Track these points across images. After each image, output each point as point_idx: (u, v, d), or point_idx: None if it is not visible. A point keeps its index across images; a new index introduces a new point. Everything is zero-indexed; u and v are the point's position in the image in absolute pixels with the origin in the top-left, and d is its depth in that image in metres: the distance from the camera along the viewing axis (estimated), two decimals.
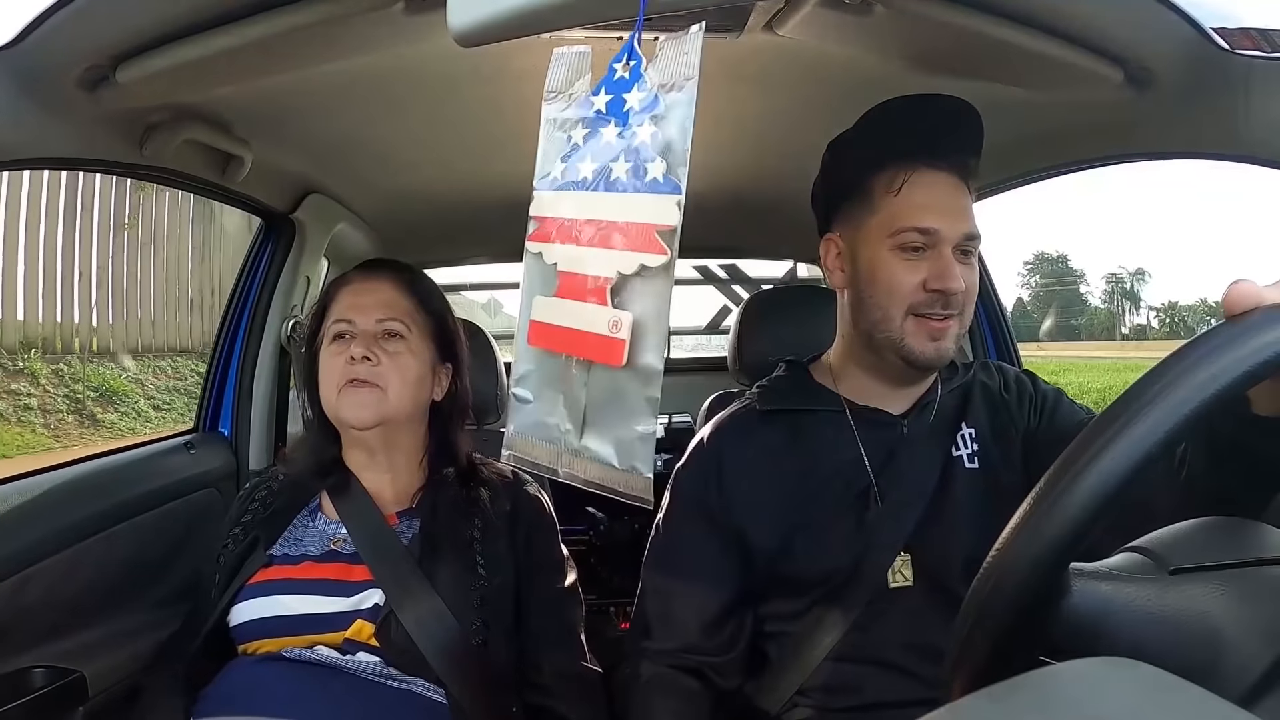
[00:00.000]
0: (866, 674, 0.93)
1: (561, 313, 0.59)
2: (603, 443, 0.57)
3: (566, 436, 0.59)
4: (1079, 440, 0.47)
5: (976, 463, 1.00)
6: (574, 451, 0.59)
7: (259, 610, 1.03)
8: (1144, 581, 0.51)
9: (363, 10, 0.87)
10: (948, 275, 0.91)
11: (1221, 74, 0.89)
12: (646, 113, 0.56)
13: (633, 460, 0.56)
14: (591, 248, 0.58)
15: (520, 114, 1.29)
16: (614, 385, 0.57)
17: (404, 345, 1.12)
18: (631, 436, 0.56)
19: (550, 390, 0.60)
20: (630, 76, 0.57)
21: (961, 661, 0.49)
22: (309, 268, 1.70)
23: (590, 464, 0.58)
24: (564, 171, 0.60)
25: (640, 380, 0.55)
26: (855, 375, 1.02)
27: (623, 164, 0.56)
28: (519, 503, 1.18)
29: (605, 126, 0.58)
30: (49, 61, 0.89)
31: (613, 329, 0.56)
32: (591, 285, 0.57)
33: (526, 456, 0.62)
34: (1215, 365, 0.45)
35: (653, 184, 0.55)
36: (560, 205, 0.60)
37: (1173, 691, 0.37)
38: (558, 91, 0.62)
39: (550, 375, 0.60)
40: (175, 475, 1.43)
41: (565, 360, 0.59)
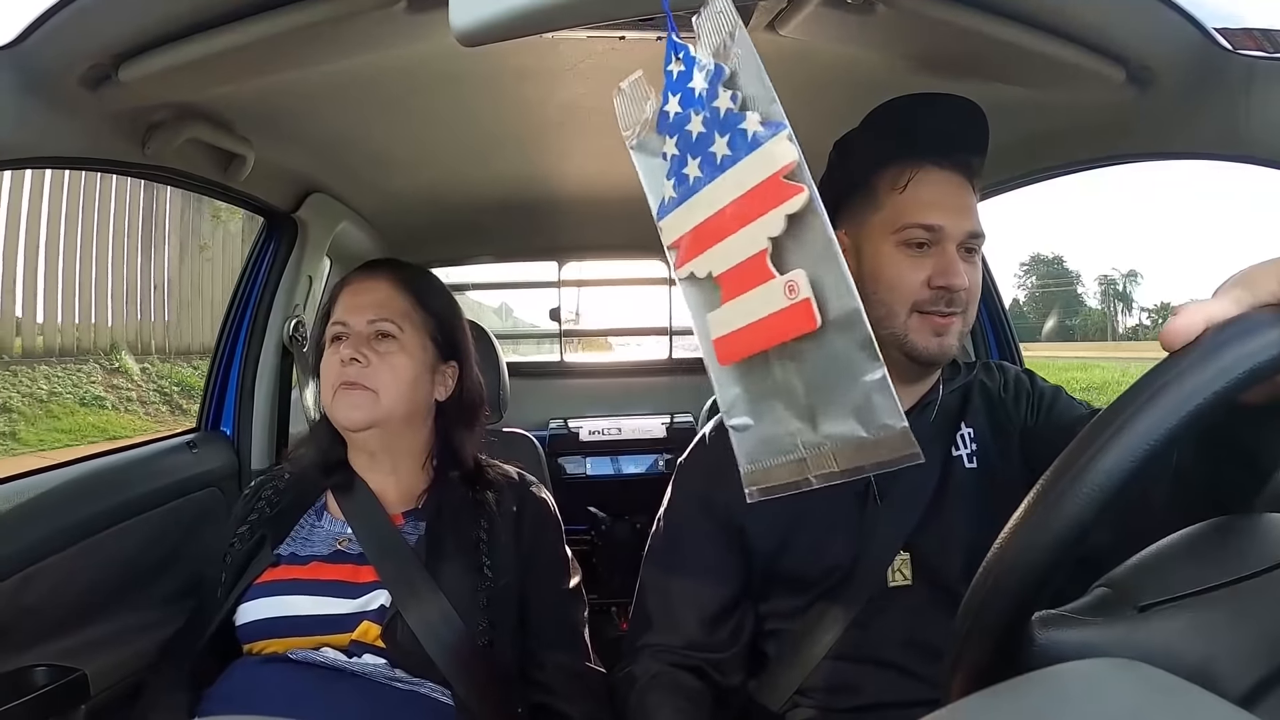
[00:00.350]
0: (866, 673, 0.94)
1: (737, 314, 0.55)
2: (841, 419, 0.52)
3: (801, 437, 0.55)
4: (1080, 439, 0.47)
5: (975, 462, 1.00)
6: (815, 448, 0.54)
7: (266, 610, 1.03)
8: (1110, 624, 0.50)
9: (365, 9, 0.87)
10: (951, 272, 0.91)
11: (1223, 74, 0.89)
12: (717, 83, 0.55)
13: (879, 418, 0.51)
14: (733, 234, 0.55)
15: (523, 113, 1.30)
16: (823, 351, 0.52)
17: (396, 345, 1.11)
18: (864, 394, 0.51)
19: (765, 401, 0.56)
20: (686, 67, 0.56)
21: (961, 661, 0.49)
22: (311, 267, 1.70)
23: (839, 452, 0.53)
24: (675, 186, 0.58)
25: (844, 330, 0.51)
26: None
27: (720, 141, 0.54)
28: (525, 503, 1.18)
29: (688, 122, 0.57)
30: (52, 60, 0.89)
31: (790, 294, 0.52)
32: (751, 268, 0.54)
33: (770, 483, 0.57)
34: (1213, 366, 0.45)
35: (755, 138, 0.53)
36: (686, 218, 0.58)
37: (1173, 692, 0.37)
38: (633, 124, 0.61)
39: (758, 385, 0.57)
40: (177, 474, 1.43)
41: (765, 359, 0.55)
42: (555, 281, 2.63)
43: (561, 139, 1.44)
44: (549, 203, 1.87)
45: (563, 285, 2.64)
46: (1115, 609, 0.52)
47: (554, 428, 2.31)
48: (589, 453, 2.29)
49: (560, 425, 2.32)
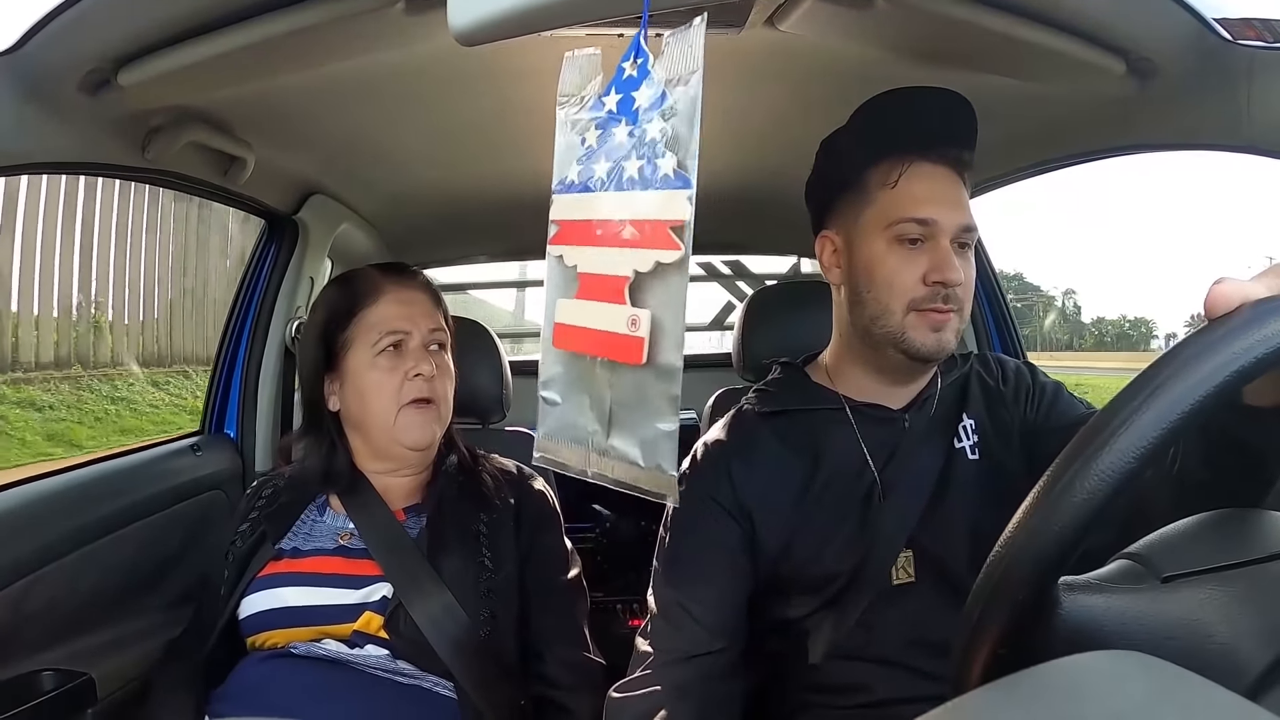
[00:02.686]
0: (872, 671, 0.93)
1: (584, 314, 0.59)
2: (628, 442, 0.57)
3: (594, 437, 0.59)
4: (1082, 434, 0.47)
5: (978, 454, 0.99)
6: (601, 451, 0.59)
7: (267, 602, 1.04)
8: (1135, 591, 0.51)
9: (364, 11, 0.87)
10: (946, 266, 0.90)
11: (1224, 64, 0.88)
12: (655, 109, 0.56)
13: (657, 458, 0.56)
14: (609, 248, 0.58)
15: (522, 113, 1.29)
16: (637, 384, 0.56)
17: (447, 358, 1.12)
18: (655, 435, 0.56)
19: (577, 392, 0.60)
20: (638, 74, 0.57)
21: (968, 655, 0.49)
22: (312, 268, 1.71)
23: (617, 464, 0.58)
24: (580, 174, 0.60)
25: (660, 378, 0.55)
26: (854, 372, 1.01)
27: (634, 162, 0.56)
28: (524, 496, 1.19)
29: (617, 126, 0.58)
30: (51, 65, 0.89)
31: (631, 327, 0.55)
32: (610, 285, 0.57)
33: (556, 459, 0.62)
34: (1206, 366, 0.45)
35: (664, 180, 0.54)
36: (578, 208, 0.60)
37: (1181, 684, 0.37)
38: (570, 95, 0.62)
39: (576, 377, 0.61)
40: (181, 477, 1.44)
41: (590, 361, 0.59)
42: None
43: None
44: (550, 201, 1.86)
45: None
46: (1140, 578, 0.52)
47: None
48: None
49: None
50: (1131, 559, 0.54)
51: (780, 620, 0.97)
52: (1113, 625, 0.49)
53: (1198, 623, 0.48)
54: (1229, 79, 0.89)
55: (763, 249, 2.75)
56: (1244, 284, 0.48)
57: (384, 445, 1.13)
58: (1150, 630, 0.48)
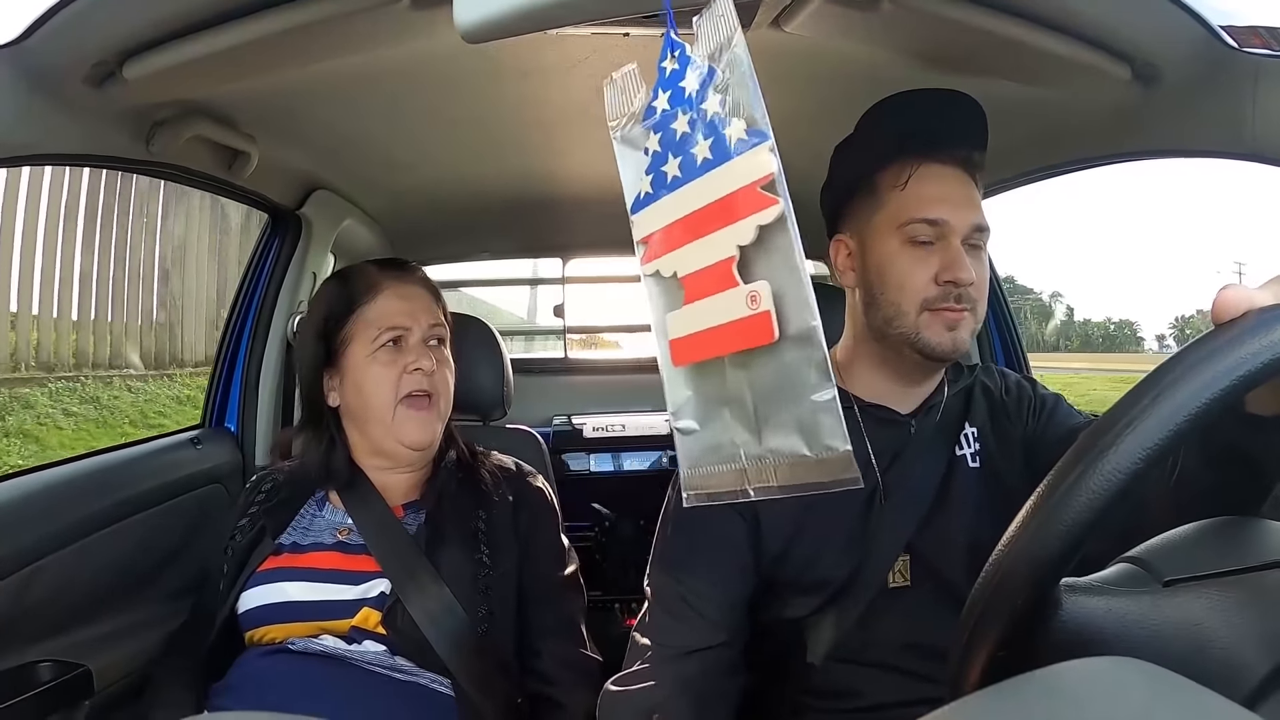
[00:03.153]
0: (869, 675, 0.93)
1: (697, 317, 0.56)
2: (786, 435, 0.52)
3: (745, 447, 0.54)
4: (1088, 435, 0.47)
5: (979, 462, 0.99)
6: (758, 460, 0.54)
7: (266, 596, 1.04)
8: (1137, 594, 0.51)
9: (370, 6, 0.87)
10: (958, 266, 0.90)
11: (1229, 72, 0.88)
12: (708, 86, 0.54)
13: (823, 438, 0.51)
14: (704, 238, 0.55)
15: (527, 109, 1.29)
16: (777, 365, 0.52)
17: (447, 351, 1.12)
18: (812, 412, 0.51)
19: (714, 407, 0.56)
20: (680, 65, 0.56)
21: (966, 659, 0.49)
22: (315, 264, 1.71)
23: (781, 467, 0.53)
24: (652, 182, 0.58)
25: (799, 345, 0.51)
26: (864, 373, 1.01)
27: (703, 143, 0.54)
28: (522, 492, 1.19)
29: (674, 120, 0.56)
30: (56, 58, 0.89)
31: (752, 304, 0.52)
32: (717, 273, 0.54)
33: (707, 490, 0.57)
34: (1212, 370, 0.45)
35: (739, 145, 0.52)
36: (659, 216, 0.58)
37: (1178, 691, 0.37)
38: (620, 115, 0.61)
39: (709, 390, 0.56)
40: (182, 470, 1.44)
41: (720, 367, 0.55)
42: (560, 278, 2.63)
43: (566, 135, 1.44)
44: (553, 199, 1.87)
45: (567, 282, 2.64)
46: (1141, 582, 0.52)
47: (558, 424, 2.31)
48: (592, 449, 2.29)
49: (564, 422, 2.32)
50: (1133, 563, 0.54)
51: (777, 621, 0.97)
52: (1114, 628, 0.49)
53: (1199, 627, 0.48)
54: (1234, 86, 0.88)
55: None
56: (1251, 291, 0.49)
57: (383, 441, 1.12)
58: (1151, 633, 0.48)
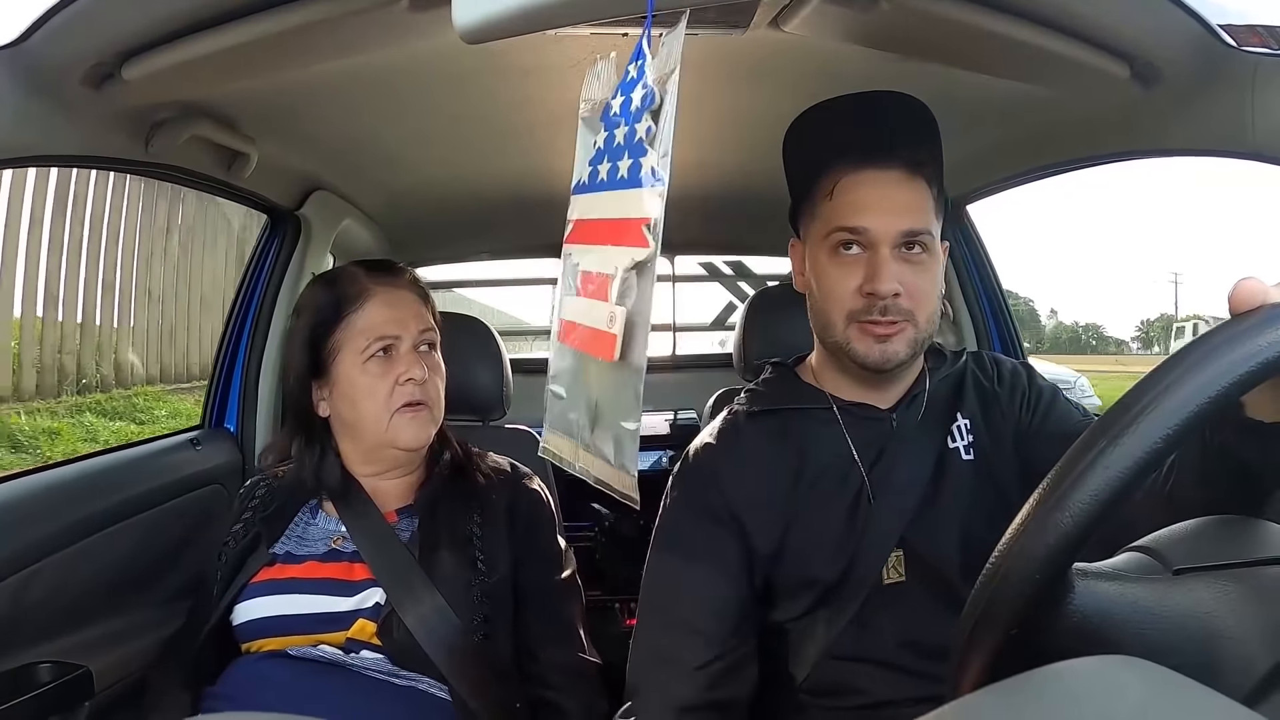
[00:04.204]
0: (866, 672, 0.93)
1: (580, 310, 0.61)
2: (605, 439, 0.58)
3: (582, 432, 0.61)
4: (1086, 436, 0.47)
5: (973, 454, 0.98)
6: (586, 446, 0.60)
7: (262, 609, 1.04)
8: (1148, 581, 0.51)
9: (368, 7, 0.87)
10: (878, 277, 0.88)
11: (1228, 71, 0.88)
12: (646, 108, 0.57)
13: (622, 458, 0.57)
14: (600, 246, 0.59)
15: (525, 110, 1.29)
16: (614, 381, 0.58)
17: (438, 356, 1.11)
18: (622, 433, 0.57)
19: (575, 387, 0.62)
20: (637, 75, 0.58)
21: (966, 658, 0.49)
22: (314, 264, 1.70)
23: (596, 460, 0.59)
24: (589, 175, 0.62)
25: (629, 375, 0.57)
26: (835, 375, 1.00)
27: (626, 160, 0.58)
28: (518, 496, 1.18)
29: (617, 127, 0.59)
30: (55, 59, 0.89)
31: (609, 324, 0.57)
32: (601, 283, 0.59)
33: (555, 450, 0.63)
34: (1220, 363, 0.45)
35: (645, 177, 0.56)
36: (586, 208, 0.62)
37: (1178, 690, 0.37)
38: (589, 100, 0.64)
39: (575, 372, 0.62)
40: (181, 471, 1.44)
41: (584, 357, 0.61)
42: (558, 279, 2.63)
43: (565, 135, 1.42)
44: (552, 199, 1.85)
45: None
46: (1151, 570, 0.52)
47: None
48: None
49: None
50: (1142, 551, 0.54)
51: (774, 622, 0.97)
52: (1125, 613, 0.49)
53: (1209, 615, 0.48)
54: (1233, 85, 0.89)
55: (765, 250, 2.76)
56: (1268, 286, 0.49)
57: (376, 449, 1.11)
58: (1163, 619, 0.48)
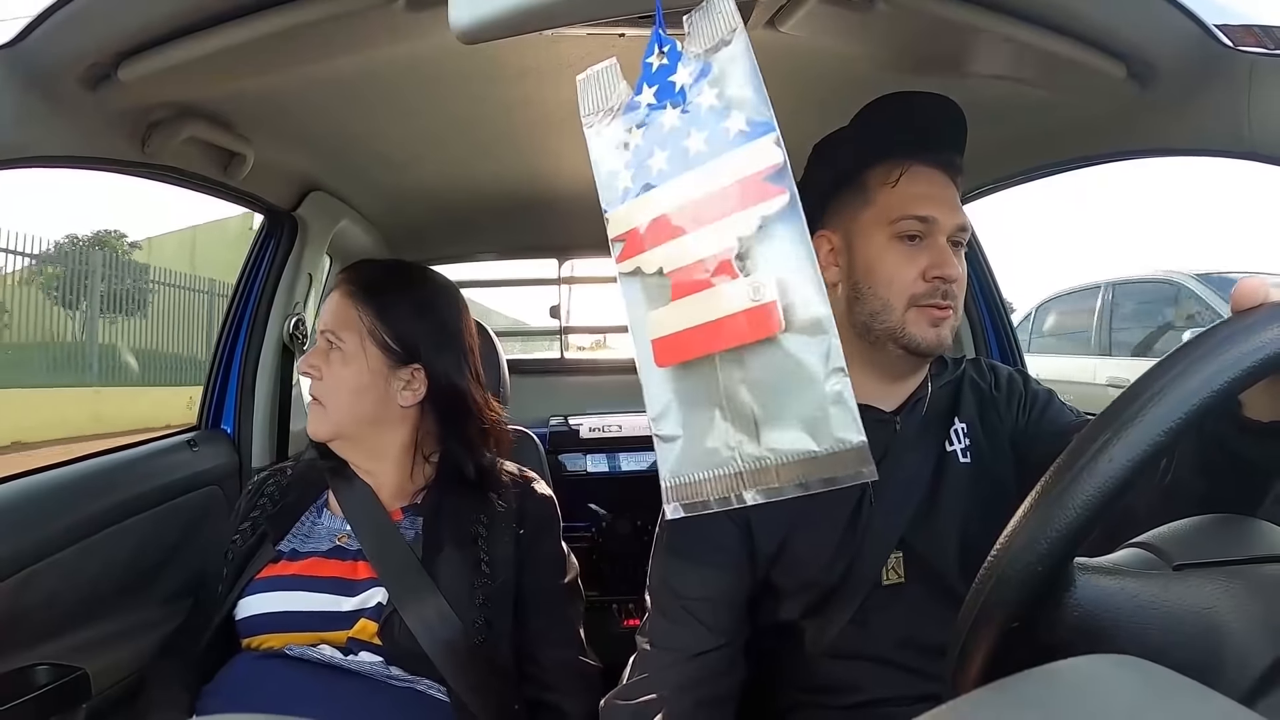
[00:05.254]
0: (865, 671, 0.93)
1: (686, 313, 0.53)
2: (789, 432, 0.50)
3: (739, 450, 0.52)
4: (1086, 432, 0.47)
5: (969, 457, 0.99)
6: (755, 462, 0.51)
7: (265, 605, 1.04)
8: (1148, 577, 0.51)
9: (365, 7, 0.87)
10: (946, 263, 0.92)
11: (1225, 70, 0.88)
12: (702, 80, 0.54)
13: (834, 431, 0.49)
14: (698, 230, 0.53)
15: (523, 110, 1.29)
16: (781, 358, 0.50)
17: (339, 357, 1.12)
18: (821, 404, 0.49)
19: (701, 410, 0.53)
20: (670, 60, 0.56)
21: (964, 657, 0.49)
22: (311, 265, 1.70)
23: (783, 468, 0.50)
24: (634, 177, 0.56)
25: (810, 335, 0.50)
26: (852, 371, 1.00)
27: (696, 136, 0.53)
28: (527, 501, 1.17)
29: (661, 114, 0.55)
30: (51, 60, 0.89)
31: (755, 295, 0.50)
32: (712, 266, 0.52)
33: (696, 499, 0.53)
34: (1223, 358, 0.45)
35: (739, 137, 0.51)
36: (643, 211, 0.55)
37: (1175, 689, 0.37)
38: (595, 112, 0.59)
39: (696, 393, 0.54)
40: (178, 473, 1.44)
41: (710, 364, 0.53)
42: (555, 279, 2.63)
43: (562, 136, 1.44)
44: (549, 200, 1.87)
45: (563, 283, 2.64)
46: (1152, 565, 0.53)
47: (554, 425, 2.31)
48: (589, 450, 2.29)
49: (561, 422, 2.32)
50: (1143, 548, 0.55)
51: (773, 620, 0.97)
52: (1126, 607, 0.49)
53: (1210, 611, 0.48)
54: (1230, 85, 0.89)
55: None
56: (1269, 286, 0.51)
57: None
58: (1165, 614, 0.49)
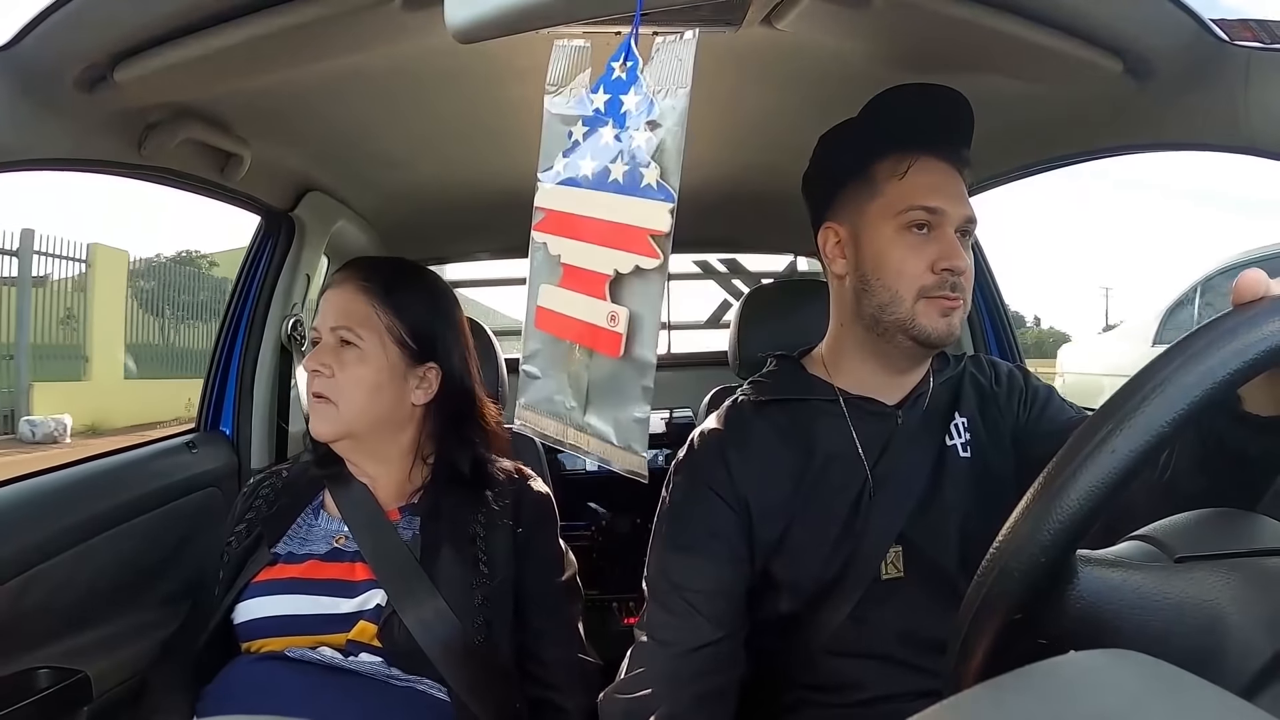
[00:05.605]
0: (865, 667, 0.93)
1: (565, 302, 0.62)
2: (603, 422, 0.62)
3: (571, 413, 0.63)
4: (1089, 423, 0.47)
5: (970, 452, 0.99)
6: (578, 426, 0.63)
7: (263, 609, 1.03)
8: (1150, 569, 0.51)
9: (361, 7, 0.87)
10: (954, 254, 0.92)
11: (1221, 65, 0.88)
12: (642, 116, 0.57)
13: (629, 439, 0.60)
14: (591, 244, 0.60)
15: (518, 110, 1.29)
16: (613, 373, 0.60)
17: (355, 355, 1.09)
18: (628, 419, 0.60)
19: (557, 370, 0.64)
20: (627, 78, 0.58)
21: (966, 650, 0.49)
22: (309, 265, 1.70)
23: (592, 439, 0.62)
24: (565, 166, 0.62)
25: (636, 371, 0.59)
26: (852, 365, 1.01)
27: (620, 166, 0.58)
28: (523, 499, 1.17)
29: (604, 126, 0.60)
30: (47, 62, 0.89)
31: (610, 322, 0.59)
32: (592, 280, 0.60)
33: (536, 427, 0.65)
34: (1225, 349, 0.45)
35: (647, 189, 0.57)
36: (562, 199, 0.62)
37: (1176, 684, 0.37)
38: (558, 85, 0.63)
39: (556, 357, 0.64)
40: (177, 474, 1.43)
41: (570, 345, 0.63)
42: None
43: None
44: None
45: None
46: (1153, 558, 0.53)
47: None
48: None
49: None
50: (1144, 540, 0.55)
51: (773, 616, 0.97)
52: (1128, 599, 0.49)
53: (1211, 603, 0.48)
54: (1226, 79, 0.89)
55: (759, 247, 2.76)
56: (1270, 280, 0.51)
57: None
58: (1167, 606, 0.49)
